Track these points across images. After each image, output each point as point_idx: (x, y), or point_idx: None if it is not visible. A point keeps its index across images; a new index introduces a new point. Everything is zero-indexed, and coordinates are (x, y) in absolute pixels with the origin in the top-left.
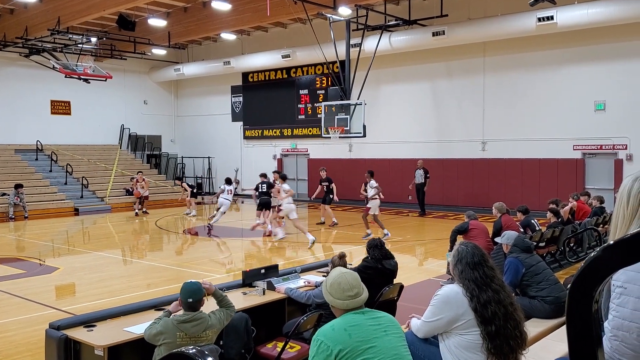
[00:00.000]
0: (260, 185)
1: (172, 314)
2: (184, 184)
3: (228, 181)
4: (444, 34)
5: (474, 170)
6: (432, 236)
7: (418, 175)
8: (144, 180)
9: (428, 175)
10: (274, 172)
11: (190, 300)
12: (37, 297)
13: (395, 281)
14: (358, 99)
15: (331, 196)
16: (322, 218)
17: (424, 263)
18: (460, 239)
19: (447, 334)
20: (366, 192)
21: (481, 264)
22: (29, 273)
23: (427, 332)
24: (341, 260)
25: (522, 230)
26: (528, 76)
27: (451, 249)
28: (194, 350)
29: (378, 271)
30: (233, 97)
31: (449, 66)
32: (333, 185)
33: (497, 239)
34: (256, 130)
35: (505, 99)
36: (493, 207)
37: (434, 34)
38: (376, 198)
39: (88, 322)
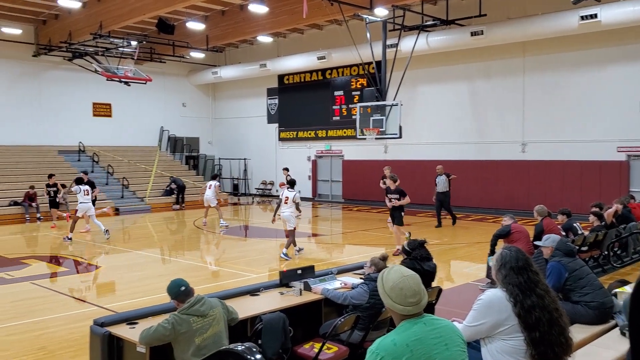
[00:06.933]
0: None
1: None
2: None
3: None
4: (482, 33)
5: (514, 172)
6: (470, 239)
7: (441, 183)
8: None
9: (451, 177)
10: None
11: (184, 287)
12: (80, 294)
13: (433, 284)
14: (394, 99)
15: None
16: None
17: (462, 267)
18: (500, 242)
19: (489, 339)
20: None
21: (525, 269)
22: (72, 271)
23: (469, 336)
24: (383, 262)
25: (563, 233)
26: (570, 76)
27: (491, 253)
28: (242, 347)
29: (417, 273)
30: (269, 99)
31: (487, 66)
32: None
33: (539, 243)
34: (291, 132)
35: (546, 99)
36: (534, 210)
37: (472, 34)
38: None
39: (130, 319)
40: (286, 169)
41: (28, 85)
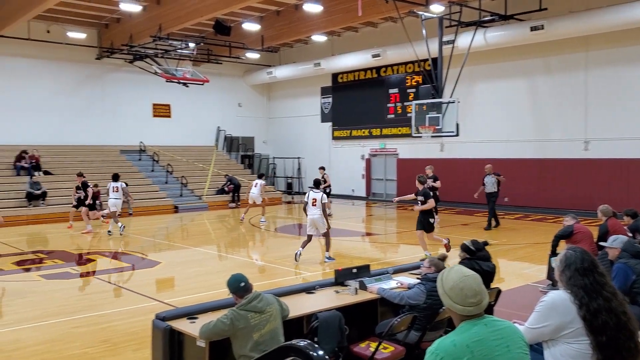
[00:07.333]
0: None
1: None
2: (326, 175)
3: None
4: (542, 28)
5: (575, 171)
6: (529, 240)
7: (490, 183)
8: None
9: (499, 177)
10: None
11: (243, 283)
12: (141, 289)
13: (492, 285)
14: (451, 97)
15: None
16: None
17: (522, 268)
18: (562, 243)
19: (552, 342)
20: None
21: (591, 270)
22: (134, 266)
23: (531, 338)
24: (443, 262)
25: (630, 234)
26: (637, 70)
27: (552, 254)
28: (303, 343)
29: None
30: (322, 98)
31: (547, 62)
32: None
33: (605, 244)
34: (345, 131)
35: (611, 95)
36: (598, 211)
37: (532, 29)
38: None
39: (190, 314)
40: (322, 168)
41: (92, 88)
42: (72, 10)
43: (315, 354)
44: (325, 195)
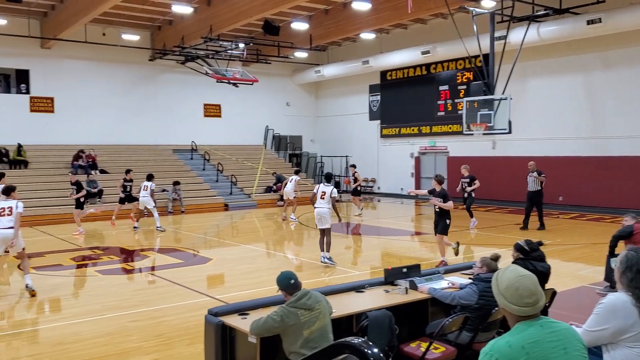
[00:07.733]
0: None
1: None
2: (356, 173)
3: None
4: (600, 21)
5: (636, 169)
6: (586, 240)
7: (530, 181)
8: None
9: (540, 177)
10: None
11: (293, 280)
12: (193, 285)
13: (547, 286)
14: (503, 93)
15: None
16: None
17: (577, 269)
18: (621, 244)
19: (612, 345)
20: None
21: None
22: (186, 263)
23: (589, 341)
24: (495, 262)
25: None
26: None
27: (611, 255)
28: (358, 341)
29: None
30: (371, 96)
31: (605, 56)
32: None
33: None
34: (393, 129)
35: None
36: None
37: (588, 22)
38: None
39: (242, 310)
40: (353, 166)
41: (145, 88)
42: (126, 13)
43: (370, 351)
44: (335, 190)
